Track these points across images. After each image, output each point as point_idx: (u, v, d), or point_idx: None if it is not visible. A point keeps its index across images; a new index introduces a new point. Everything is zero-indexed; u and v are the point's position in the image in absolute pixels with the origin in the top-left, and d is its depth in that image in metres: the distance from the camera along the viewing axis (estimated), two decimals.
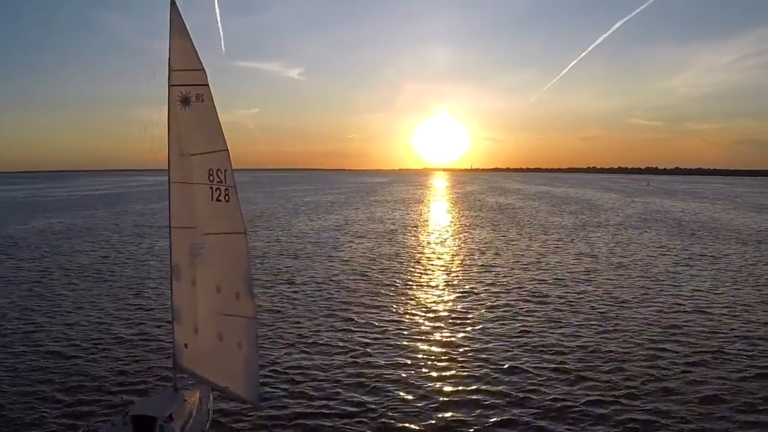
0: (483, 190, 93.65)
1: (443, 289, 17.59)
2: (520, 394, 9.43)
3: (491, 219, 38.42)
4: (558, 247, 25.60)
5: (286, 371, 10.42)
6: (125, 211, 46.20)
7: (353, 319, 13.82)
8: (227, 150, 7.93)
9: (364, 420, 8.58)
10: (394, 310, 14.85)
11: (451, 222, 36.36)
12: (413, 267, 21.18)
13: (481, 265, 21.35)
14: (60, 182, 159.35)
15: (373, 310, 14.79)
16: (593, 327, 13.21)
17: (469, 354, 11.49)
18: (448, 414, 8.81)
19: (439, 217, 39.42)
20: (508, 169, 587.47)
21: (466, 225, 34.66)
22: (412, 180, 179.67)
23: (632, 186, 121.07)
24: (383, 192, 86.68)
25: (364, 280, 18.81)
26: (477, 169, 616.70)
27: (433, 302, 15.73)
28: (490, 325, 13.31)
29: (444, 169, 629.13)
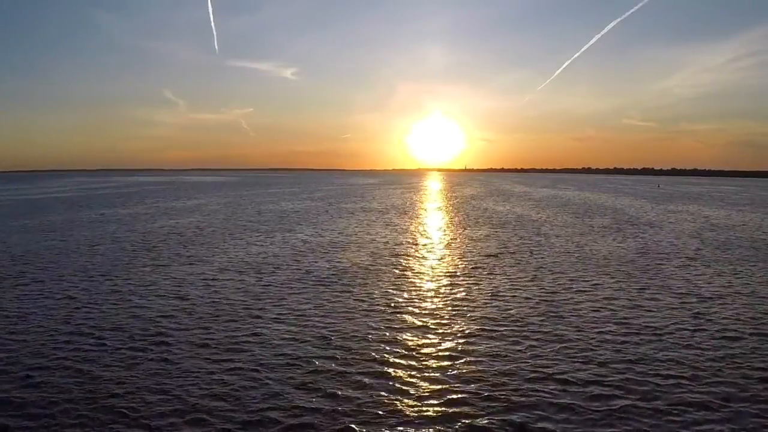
0: (484, 194, 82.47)
1: None
2: None
3: (510, 243, 27.01)
4: (648, 318, 14.22)
5: None
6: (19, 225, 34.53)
7: None
8: None
9: None
10: None
11: (455, 250, 24.84)
12: (393, 382, 9.74)
13: (534, 371, 9.94)
14: (28, 183, 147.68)
15: None
16: None
17: None
18: None
19: (436, 240, 27.88)
20: (502, 170, 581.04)
21: (478, 256, 23.23)
22: (405, 181, 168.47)
23: (643, 188, 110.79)
24: (370, 196, 75.29)
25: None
26: (471, 170, 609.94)
27: None
28: None
29: (438, 170, 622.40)
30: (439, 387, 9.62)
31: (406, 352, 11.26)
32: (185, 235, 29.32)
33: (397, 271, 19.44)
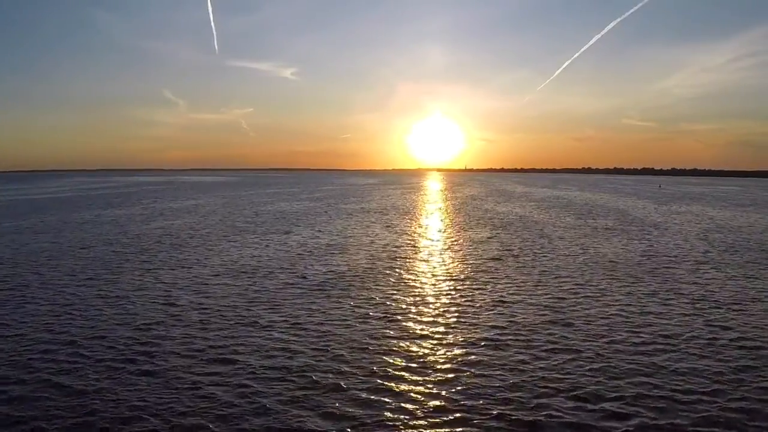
0: (484, 194, 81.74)
1: None
2: None
3: (513, 245, 26.35)
4: (661, 326, 13.53)
5: None
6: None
7: None
8: None
9: None
10: None
11: (457, 253, 24.18)
12: None
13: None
14: (28, 183, 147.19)
15: None
16: None
17: None
18: None
19: (437, 243, 27.23)
20: (502, 170, 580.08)
21: (480, 259, 22.57)
22: (405, 181, 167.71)
23: (645, 189, 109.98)
24: (369, 197, 74.56)
25: None
26: (471, 170, 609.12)
27: None
28: None
29: (438, 170, 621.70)
30: (443, 403, 8.91)
31: (407, 365, 10.55)
32: (179, 237, 28.60)
33: (396, 276, 18.73)
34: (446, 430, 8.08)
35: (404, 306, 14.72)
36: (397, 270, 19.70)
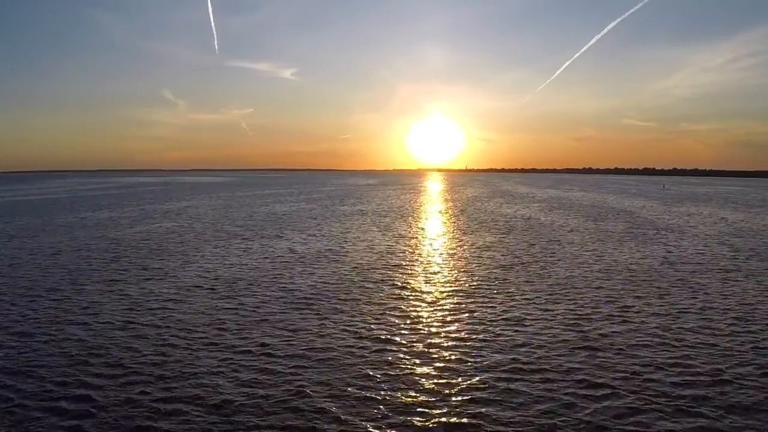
0: (486, 195, 79.75)
1: None
2: None
3: (521, 252, 24.41)
4: (702, 351, 11.61)
5: None
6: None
7: None
8: None
9: None
10: None
11: (461, 261, 22.26)
12: None
13: None
14: (27, 184, 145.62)
15: None
16: None
17: None
18: None
19: (439, 250, 25.32)
20: (503, 170, 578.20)
21: (487, 269, 20.65)
22: (405, 182, 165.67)
23: (649, 189, 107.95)
24: (367, 198, 72.59)
25: None
26: (472, 170, 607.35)
27: None
28: None
29: (438, 170, 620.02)
30: None
31: (406, 397, 8.60)
32: (160, 243, 26.62)
33: (395, 289, 16.76)
34: None
35: (403, 325, 12.78)
36: (395, 282, 17.76)
